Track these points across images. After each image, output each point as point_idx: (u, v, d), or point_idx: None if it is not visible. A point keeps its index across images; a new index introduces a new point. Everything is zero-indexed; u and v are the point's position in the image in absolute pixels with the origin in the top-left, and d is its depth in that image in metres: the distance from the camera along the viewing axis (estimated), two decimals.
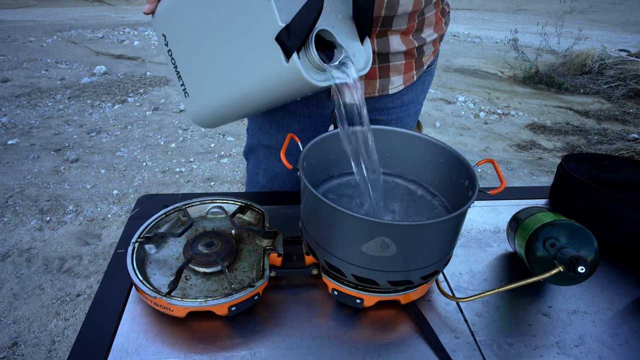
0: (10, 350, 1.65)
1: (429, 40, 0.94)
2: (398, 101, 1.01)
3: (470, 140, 3.71)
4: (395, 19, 0.85)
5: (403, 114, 1.04)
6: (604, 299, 0.77)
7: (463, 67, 5.91)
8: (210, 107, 0.78)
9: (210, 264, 0.72)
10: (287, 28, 0.59)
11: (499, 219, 0.97)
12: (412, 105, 1.05)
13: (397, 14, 0.84)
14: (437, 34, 0.95)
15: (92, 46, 5.86)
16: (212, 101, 0.76)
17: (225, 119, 0.81)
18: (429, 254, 0.64)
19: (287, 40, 0.60)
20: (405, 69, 0.94)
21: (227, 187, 2.84)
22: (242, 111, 0.77)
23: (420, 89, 1.03)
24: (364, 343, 0.65)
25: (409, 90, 1.00)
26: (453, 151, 0.76)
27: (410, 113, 1.06)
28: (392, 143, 0.83)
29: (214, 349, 0.63)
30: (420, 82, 1.01)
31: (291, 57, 0.61)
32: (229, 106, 0.75)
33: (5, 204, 2.48)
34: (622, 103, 4.73)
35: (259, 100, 0.72)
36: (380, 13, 0.84)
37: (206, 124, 0.83)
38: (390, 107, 1.01)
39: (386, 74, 0.93)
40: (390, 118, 1.03)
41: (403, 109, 1.02)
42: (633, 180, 0.99)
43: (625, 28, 9.37)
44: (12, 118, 3.60)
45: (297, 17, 0.59)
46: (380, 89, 0.95)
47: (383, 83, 0.94)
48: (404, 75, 0.95)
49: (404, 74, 0.94)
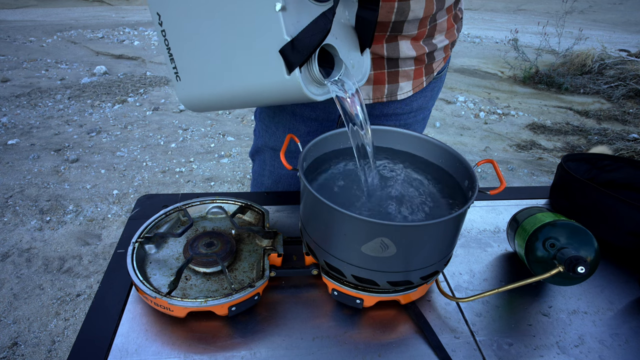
0: (10, 350, 1.65)
1: (440, 47, 0.92)
2: (407, 107, 0.99)
3: (470, 140, 3.71)
4: (406, 24, 0.83)
5: (411, 121, 1.02)
6: (604, 299, 0.77)
7: (463, 67, 5.91)
8: (203, 96, 0.76)
9: (210, 264, 0.72)
10: (292, 42, 0.58)
11: (499, 219, 0.97)
12: (421, 112, 1.03)
13: (408, 19, 0.82)
14: (449, 40, 0.93)
15: (92, 46, 5.86)
16: (206, 91, 0.75)
17: (216, 107, 0.79)
18: (428, 254, 0.64)
19: (291, 54, 0.59)
20: (415, 75, 0.92)
21: (227, 187, 2.84)
22: (237, 104, 0.76)
23: (429, 96, 1.01)
24: (364, 343, 0.65)
25: (418, 96, 0.98)
26: (453, 151, 0.76)
27: (418, 120, 1.04)
28: (392, 143, 0.83)
29: (214, 349, 0.63)
30: (430, 88, 1.00)
31: (293, 72, 0.60)
32: (222, 98, 0.74)
33: (5, 204, 2.48)
34: (622, 103, 4.73)
35: (255, 100, 0.72)
36: (390, 18, 0.81)
37: (195, 108, 0.82)
38: (398, 113, 0.99)
39: (395, 79, 0.91)
40: (398, 124, 1.01)
41: (411, 115, 1.01)
42: (633, 180, 0.99)
43: (625, 28, 9.37)
44: (12, 118, 3.60)
45: (304, 32, 0.58)
46: (389, 94, 0.93)
47: (392, 88, 0.93)
48: (414, 82, 0.93)
49: (413, 79, 0.93)
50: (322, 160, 0.79)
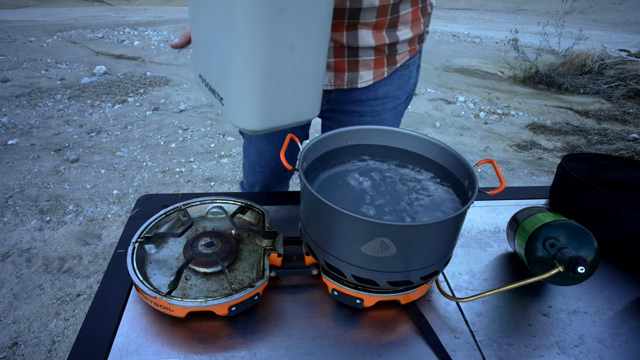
0: (10, 350, 1.65)
1: (403, 39, 0.93)
2: (370, 94, 1.00)
3: (470, 140, 3.71)
4: (362, 11, 0.85)
5: (379, 108, 1.03)
6: (604, 299, 0.77)
7: (463, 67, 5.91)
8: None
9: (210, 264, 0.72)
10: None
11: (499, 219, 0.97)
12: (389, 100, 1.03)
13: (363, 6, 0.83)
14: (414, 33, 0.94)
15: (92, 46, 5.86)
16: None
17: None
18: (428, 254, 0.64)
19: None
20: (375, 65, 0.94)
21: (227, 187, 2.84)
22: None
23: (397, 85, 1.01)
24: (364, 343, 0.65)
25: (383, 84, 0.99)
26: (453, 151, 0.76)
27: (387, 108, 1.04)
28: (392, 143, 0.83)
29: (214, 349, 0.63)
30: (397, 77, 1.00)
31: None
32: None
33: (5, 204, 2.48)
34: (622, 103, 4.73)
35: None
36: (345, 5, 0.83)
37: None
38: (363, 99, 1.01)
39: (355, 68, 0.94)
40: (365, 110, 1.03)
41: (378, 102, 1.02)
42: (633, 180, 0.99)
43: (625, 28, 9.37)
44: (12, 118, 3.60)
45: None
46: (349, 82, 0.96)
47: (352, 77, 0.95)
48: (375, 71, 0.95)
49: (374, 69, 0.95)
50: (322, 160, 0.79)
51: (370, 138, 0.83)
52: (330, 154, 0.80)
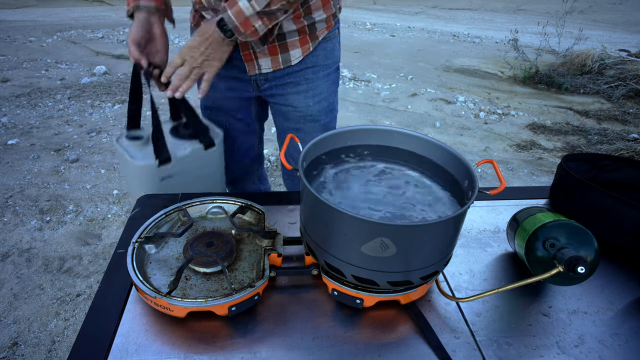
0: (10, 350, 1.65)
1: (320, 19, 1.12)
2: (302, 65, 1.17)
3: (470, 140, 3.71)
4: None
5: (312, 76, 1.19)
6: (604, 299, 0.77)
7: (463, 67, 5.91)
8: None
9: (210, 264, 0.72)
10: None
11: (499, 219, 0.97)
12: (320, 69, 1.20)
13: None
14: (327, 14, 1.13)
15: (92, 46, 5.86)
16: None
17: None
18: (428, 254, 0.64)
19: None
20: (301, 44, 1.13)
21: None
22: None
23: (322, 55, 1.19)
24: (364, 343, 0.65)
25: (310, 56, 1.17)
26: (453, 151, 0.76)
27: (320, 76, 1.20)
28: (392, 143, 0.83)
29: (214, 349, 0.63)
30: (322, 49, 1.18)
31: None
32: None
33: (5, 204, 2.48)
34: (622, 103, 4.73)
35: None
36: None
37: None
38: (296, 71, 1.17)
39: (286, 49, 1.13)
40: (299, 80, 1.18)
41: (309, 71, 1.18)
42: (633, 180, 0.99)
43: (625, 28, 9.37)
44: (12, 118, 3.60)
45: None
46: (284, 62, 1.14)
47: (285, 57, 1.14)
48: (302, 48, 1.14)
49: (301, 47, 1.14)
50: (323, 160, 0.79)
51: (370, 138, 0.83)
52: (330, 154, 0.80)
